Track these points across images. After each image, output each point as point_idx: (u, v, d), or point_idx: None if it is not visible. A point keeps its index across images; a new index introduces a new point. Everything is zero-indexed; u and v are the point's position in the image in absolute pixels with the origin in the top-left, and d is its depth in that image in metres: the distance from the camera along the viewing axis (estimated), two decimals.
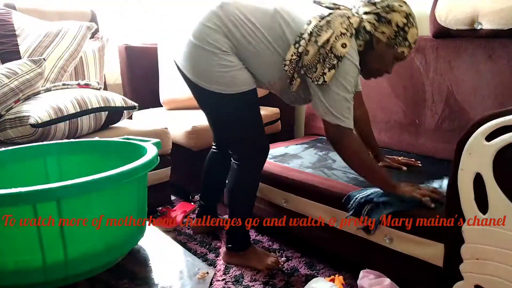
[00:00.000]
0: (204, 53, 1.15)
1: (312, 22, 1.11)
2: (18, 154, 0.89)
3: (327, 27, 1.10)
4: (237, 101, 1.21)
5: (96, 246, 0.67)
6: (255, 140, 1.29)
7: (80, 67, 1.89)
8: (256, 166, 1.33)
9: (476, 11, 1.44)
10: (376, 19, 1.13)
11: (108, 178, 0.63)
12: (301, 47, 1.11)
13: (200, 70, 1.18)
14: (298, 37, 1.12)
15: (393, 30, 1.13)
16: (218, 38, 1.15)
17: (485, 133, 0.87)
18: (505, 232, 0.88)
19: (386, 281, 1.12)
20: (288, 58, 1.13)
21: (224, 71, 1.16)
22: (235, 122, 1.26)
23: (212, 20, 1.16)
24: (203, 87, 1.19)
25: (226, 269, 1.38)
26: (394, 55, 1.18)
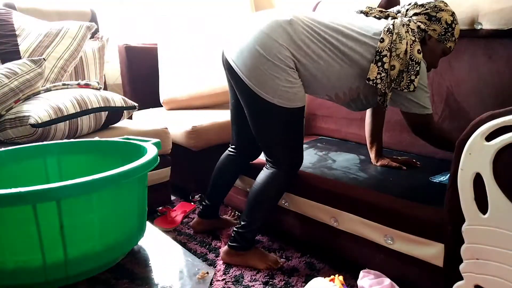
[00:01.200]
0: (273, 67, 1.19)
1: (385, 39, 1.19)
2: (18, 154, 0.89)
3: (399, 39, 1.19)
4: (292, 114, 1.26)
5: (96, 246, 0.67)
6: (296, 150, 1.34)
7: (80, 67, 1.89)
8: (291, 174, 1.36)
9: (476, 11, 1.44)
10: (427, 18, 1.25)
11: (108, 178, 0.63)
12: (386, 64, 1.19)
13: (266, 83, 1.20)
14: (377, 55, 1.19)
15: (443, 28, 1.25)
16: (287, 55, 1.19)
17: (485, 133, 0.87)
18: (505, 232, 0.88)
19: (386, 281, 1.12)
20: (374, 77, 1.20)
21: (289, 86, 1.21)
22: (284, 133, 1.29)
23: (282, 37, 1.19)
24: (265, 98, 1.22)
25: (226, 269, 1.38)
26: (443, 50, 1.30)
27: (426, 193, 1.22)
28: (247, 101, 1.30)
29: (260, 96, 1.22)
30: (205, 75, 2.18)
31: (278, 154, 1.33)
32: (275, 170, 1.33)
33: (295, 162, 1.35)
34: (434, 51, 1.29)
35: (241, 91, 1.29)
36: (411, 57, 1.19)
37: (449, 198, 0.98)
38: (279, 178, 1.34)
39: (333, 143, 1.87)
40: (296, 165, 1.36)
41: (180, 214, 1.78)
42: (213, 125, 1.91)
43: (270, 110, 1.24)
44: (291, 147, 1.33)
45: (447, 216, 1.00)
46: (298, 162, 1.36)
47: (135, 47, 2.31)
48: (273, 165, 1.34)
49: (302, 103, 1.27)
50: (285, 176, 1.35)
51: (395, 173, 1.43)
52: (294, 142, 1.33)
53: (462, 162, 0.92)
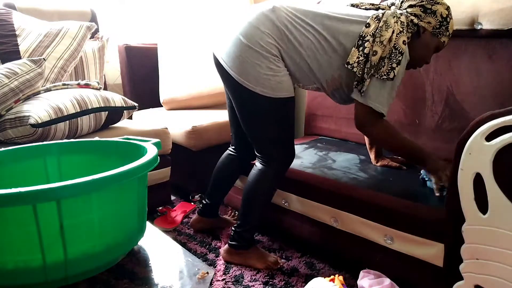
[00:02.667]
0: (254, 54, 1.18)
1: (371, 25, 1.18)
2: (18, 154, 0.89)
3: (386, 27, 1.17)
4: (277, 105, 1.24)
5: (96, 246, 0.67)
6: (286, 145, 1.32)
7: (80, 67, 1.89)
8: (282, 170, 1.35)
9: (476, 11, 1.44)
10: (422, 11, 1.22)
11: (108, 178, 0.63)
12: (366, 49, 1.17)
13: (248, 71, 1.19)
14: (360, 40, 1.18)
15: (438, 21, 1.22)
16: (269, 42, 1.18)
17: (485, 133, 0.87)
18: (505, 232, 0.88)
19: (386, 281, 1.12)
20: (354, 61, 1.18)
21: (271, 74, 1.19)
22: (271, 125, 1.28)
23: (264, 24, 1.19)
24: (248, 87, 1.20)
25: (226, 269, 1.38)
26: (437, 44, 1.26)
27: (426, 193, 1.22)
28: (233, 93, 1.29)
29: (243, 85, 1.21)
30: (205, 75, 2.18)
31: (266, 149, 1.32)
32: (265, 167, 1.32)
33: (285, 157, 1.33)
34: (428, 45, 1.26)
35: (228, 84, 1.28)
36: (395, 46, 1.17)
37: (449, 198, 0.98)
38: (269, 176, 1.32)
39: (333, 143, 1.87)
40: (286, 161, 1.34)
41: (180, 214, 1.78)
42: (213, 125, 1.91)
43: (254, 100, 1.22)
44: (280, 141, 1.30)
45: (447, 216, 1.00)
46: (288, 158, 1.34)
47: (135, 47, 2.31)
48: (262, 162, 1.33)
49: (288, 94, 1.24)
50: (276, 173, 1.33)
51: (395, 173, 1.43)
52: (282, 135, 1.30)
53: (462, 162, 0.92)
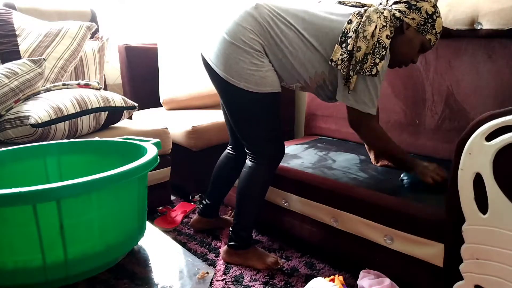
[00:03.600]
0: (237, 50, 1.19)
1: (353, 21, 1.17)
2: (18, 154, 0.89)
3: (369, 22, 1.16)
4: (263, 101, 1.24)
5: (96, 246, 0.67)
6: (274, 141, 1.32)
7: (80, 67, 1.89)
8: (272, 167, 1.35)
9: (476, 11, 1.44)
10: (407, 7, 1.20)
11: (108, 178, 0.63)
12: (350, 45, 1.16)
13: (231, 67, 1.20)
14: (343, 37, 1.17)
15: (423, 17, 1.20)
16: (251, 37, 1.20)
17: (485, 133, 0.87)
18: (505, 232, 0.88)
19: (386, 281, 1.12)
20: (337, 58, 1.18)
21: (255, 69, 1.20)
22: (259, 121, 1.28)
23: (247, 20, 1.20)
24: (232, 83, 1.21)
25: (226, 269, 1.38)
26: (422, 42, 1.24)
27: (426, 193, 1.22)
28: (220, 91, 1.30)
29: (228, 82, 1.22)
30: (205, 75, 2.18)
31: (255, 145, 1.32)
32: (255, 164, 1.32)
33: (273, 154, 1.33)
34: (412, 42, 1.23)
35: (216, 83, 1.29)
36: (378, 40, 1.16)
37: (449, 198, 0.98)
38: (259, 173, 1.32)
39: (333, 143, 1.87)
40: (275, 157, 1.34)
41: (180, 214, 1.78)
42: (213, 125, 1.91)
43: (239, 96, 1.23)
44: (268, 138, 1.31)
45: (447, 216, 1.00)
46: (277, 154, 1.33)
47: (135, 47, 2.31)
48: (252, 159, 1.33)
49: (273, 89, 1.24)
50: (266, 170, 1.33)
51: (395, 173, 1.43)
52: (270, 131, 1.30)
53: (462, 162, 0.92)
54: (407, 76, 1.69)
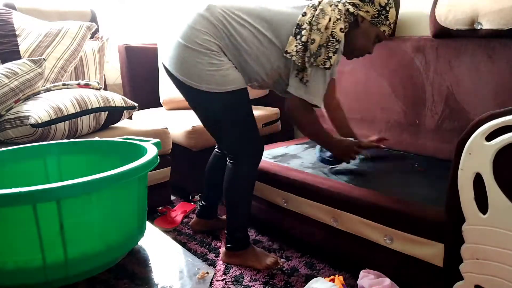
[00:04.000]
0: (193, 53, 1.19)
1: (307, 13, 1.18)
2: (18, 154, 0.89)
3: (322, 14, 1.17)
4: (228, 99, 1.23)
5: (96, 246, 0.67)
6: (249, 139, 1.31)
7: (80, 67, 1.89)
8: (252, 165, 1.34)
9: (476, 11, 1.44)
10: (361, 0, 1.22)
11: (108, 178, 0.63)
12: (304, 37, 1.17)
13: (190, 70, 1.20)
14: (297, 29, 1.18)
15: (376, 10, 1.22)
16: (206, 39, 1.19)
17: (485, 133, 0.87)
18: (505, 232, 0.88)
19: (386, 281, 1.12)
20: (291, 50, 1.18)
21: (214, 69, 1.19)
22: (228, 121, 1.27)
23: (200, 23, 1.20)
24: (193, 86, 1.20)
25: (226, 269, 1.38)
26: (377, 33, 1.27)
27: (426, 193, 1.22)
28: (185, 97, 1.29)
29: (190, 86, 1.21)
30: None
31: (231, 145, 1.31)
32: (234, 165, 1.32)
33: (251, 151, 1.31)
34: (367, 34, 1.26)
35: (179, 89, 1.28)
36: (332, 34, 1.17)
37: (449, 198, 0.98)
38: (240, 173, 1.32)
39: None
40: (253, 154, 1.32)
41: (180, 214, 1.78)
42: None
43: (203, 98, 1.23)
44: (242, 135, 1.29)
45: (447, 216, 1.00)
46: (255, 150, 1.32)
47: (135, 47, 2.30)
48: (231, 159, 1.33)
49: (237, 86, 1.23)
50: (246, 169, 1.32)
51: (395, 173, 1.44)
52: (242, 129, 1.29)
53: (462, 162, 0.92)
54: (407, 76, 1.69)
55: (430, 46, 1.62)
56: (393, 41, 1.76)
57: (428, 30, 1.63)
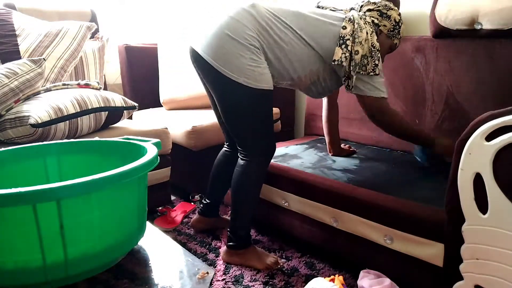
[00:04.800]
0: (238, 46, 1.21)
1: (347, 27, 1.29)
2: (18, 154, 0.89)
3: (360, 28, 1.29)
4: (260, 96, 1.26)
5: (96, 246, 0.67)
6: (267, 137, 1.33)
7: (80, 67, 1.89)
8: (264, 163, 1.35)
9: (476, 11, 1.44)
10: (379, 15, 1.37)
11: (108, 178, 0.63)
12: (349, 47, 1.28)
13: (231, 62, 1.21)
14: (341, 40, 1.28)
15: (392, 24, 1.38)
16: (251, 35, 1.22)
17: (485, 133, 0.87)
18: (505, 232, 0.88)
19: (386, 281, 1.12)
20: (339, 57, 1.28)
21: (254, 65, 1.22)
22: (253, 117, 1.29)
23: (246, 18, 1.23)
24: (231, 77, 1.21)
25: (226, 269, 1.38)
26: (390, 46, 1.43)
27: (426, 193, 1.22)
28: (215, 86, 1.29)
29: (226, 76, 1.22)
30: None
31: (248, 141, 1.32)
32: (247, 162, 1.33)
33: (266, 150, 1.34)
34: (383, 46, 1.39)
35: (209, 78, 1.28)
36: (372, 44, 1.29)
37: (449, 198, 0.98)
38: (252, 169, 1.33)
39: None
40: (267, 153, 1.35)
41: (180, 214, 1.78)
42: (213, 125, 1.90)
43: (237, 91, 1.24)
44: (261, 133, 1.32)
45: (447, 216, 1.00)
46: (269, 150, 1.35)
47: (135, 47, 2.30)
48: (244, 157, 1.34)
49: (269, 86, 1.26)
50: (258, 166, 1.34)
51: (395, 173, 1.44)
52: (263, 127, 1.32)
53: (462, 162, 0.92)
54: (407, 76, 1.69)
55: (430, 46, 1.62)
56: None
57: (428, 30, 1.63)
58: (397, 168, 1.48)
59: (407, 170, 1.46)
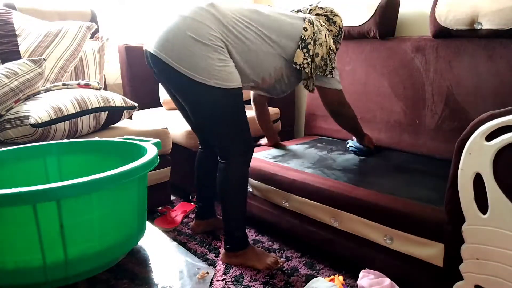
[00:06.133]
0: (204, 47, 1.18)
1: (308, 29, 1.32)
2: (18, 154, 0.89)
3: (318, 30, 1.34)
4: (231, 96, 1.24)
5: (96, 246, 0.67)
6: (241, 137, 1.32)
7: (80, 67, 1.89)
8: (243, 162, 1.34)
9: (476, 11, 1.44)
10: (326, 20, 1.44)
11: (108, 178, 0.63)
12: (310, 51, 1.32)
13: (198, 65, 1.18)
14: (302, 42, 1.31)
15: (337, 30, 1.46)
16: (215, 35, 1.20)
17: (485, 133, 0.87)
18: (505, 232, 0.88)
19: (386, 281, 1.12)
20: (301, 62, 1.32)
21: (222, 65, 1.20)
22: (228, 118, 1.27)
23: (208, 18, 1.20)
24: (200, 81, 1.19)
25: (226, 269, 1.38)
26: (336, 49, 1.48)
27: (426, 193, 1.22)
28: (183, 91, 1.27)
29: (195, 80, 1.19)
30: None
31: (226, 142, 1.31)
32: (226, 165, 1.32)
33: (243, 149, 1.32)
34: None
35: (175, 83, 1.25)
36: (329, 47, 1.36)
37: (449, 198, 0.98)
38: (233, 171, 1.32)
39: (333, 143, 1.87)
40: (245, 152, 1.33)
41: (180, 214, 1.78)
42: None
43: (208, 94, 1.21)
44: (236, 133, 1.30)
45: (447, 216, 1.00)
46: (247, 149, 1.33)
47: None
48: (223, 159, 1.32)
49: (239, 84, 1.25)
50: (238, 167, 1.33)
51: (395, 173, 1.44)
52: (238, 126, 1.30)
53: (462, 162, 0.92)
54: (407, 76, 1.69)
55: (430, 46, 1.62)
56: (393, 41, 1.76)
57: (428, 30, 1.63)
58: (397, 168, 1.48)
59: (407, 170, 1.46)
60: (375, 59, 1.80)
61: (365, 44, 1.84)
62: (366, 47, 1.84)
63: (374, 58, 1.81)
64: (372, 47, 1.82)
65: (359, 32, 1.81)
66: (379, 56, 1.78)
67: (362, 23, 1.78)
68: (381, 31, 1.75)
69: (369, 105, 1.81)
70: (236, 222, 1.37)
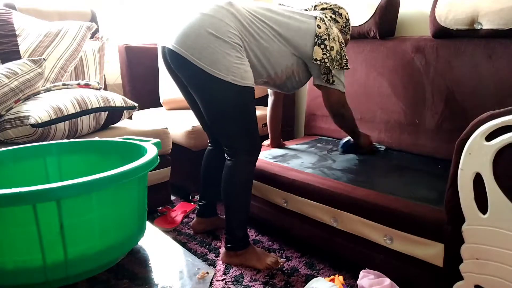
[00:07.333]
0: (224, 44, 1.21)
1: (321, 26, 1.37)
2: (18, 154, 0.89)
3: (330, 26, 1.39)
4: (245, 94, 1.26)
5: (96, 246, 0.67)
6: (252, 135, 1.33)
7: (80, 67, 1.89)
8: (250, 162, 1.35)
9: (476, 11, 1.44)
10: (332, 13, 1.49)
11: (108, 178, 0.63)
12: (328, 46, 1.36)
13: (218, 61, 1.20)
14: (318, 39, 1.36)
15: (344, 21, 1.50)
16: (235, 33, 1.23)
17: (485, 133, 0.87)
18: (505, 232, 0.88)
19: (386, 281, 1.12)
20: (320, 57, 1.36)
21: (240, 63, 1.23)
22: (239, 114, 1.28)
23: (227, 16, 1.24)
24: (219, 76, 1.21)
25: (226, 269, 1.38)
26: (345, 41, 1.53)
27: (426, 193, 1.22)
28: (199, 86, 1.27)
29: (213, 75, 1.20)
30: None
31: (234, 139, 1.32)
32: (233, 161, 1.33)
33: (251, 148, 1.33)
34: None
35: (192, 77, 1.26)
36: (341, 40, 1.42)
37: (449, 198, 0.98)
38: (239, 169, 1.33)
39: (333, 143, 1.87)
40: (253, 151, 1.34)
41: (180, 214, 1.78)
42: None
43: (224, 90, 1.23)
44: (247, 131, 1.31)
45: (447, 216, 1.00)
46: (255, 148, 1.34)
47: (135, 47, 2.30)
48: (230, 156, 1.33)
49: (253, 83, 1.28)
50: (245, 166, 1.34)
51: (395, 173, 1.44)
52: (249, 125, 1.31)
53: (462, 162, 0.92)
54: (407, 76, 1.69)
55: (430, 46, 1.62)
56: (393, 41, 1.76)
57: (428, 30, 1.63)
58: (397, 168, 1.48)
59: (407, 170, 1.46)
60: (375, 59, 1.80)
61: (365, 44, 1.84)
62: (366, 47, 1.84)
63: (374, 58, 1.81)
64: (372, 47, 1.82)
65: (359, 32, 1.82)
66: (379, 56, 1.78)
67: (362, 23, 1.78)
68: (381, 31, 1.75)
69: (369, 105, 1.81)
70: (238, 221, 1.37)
